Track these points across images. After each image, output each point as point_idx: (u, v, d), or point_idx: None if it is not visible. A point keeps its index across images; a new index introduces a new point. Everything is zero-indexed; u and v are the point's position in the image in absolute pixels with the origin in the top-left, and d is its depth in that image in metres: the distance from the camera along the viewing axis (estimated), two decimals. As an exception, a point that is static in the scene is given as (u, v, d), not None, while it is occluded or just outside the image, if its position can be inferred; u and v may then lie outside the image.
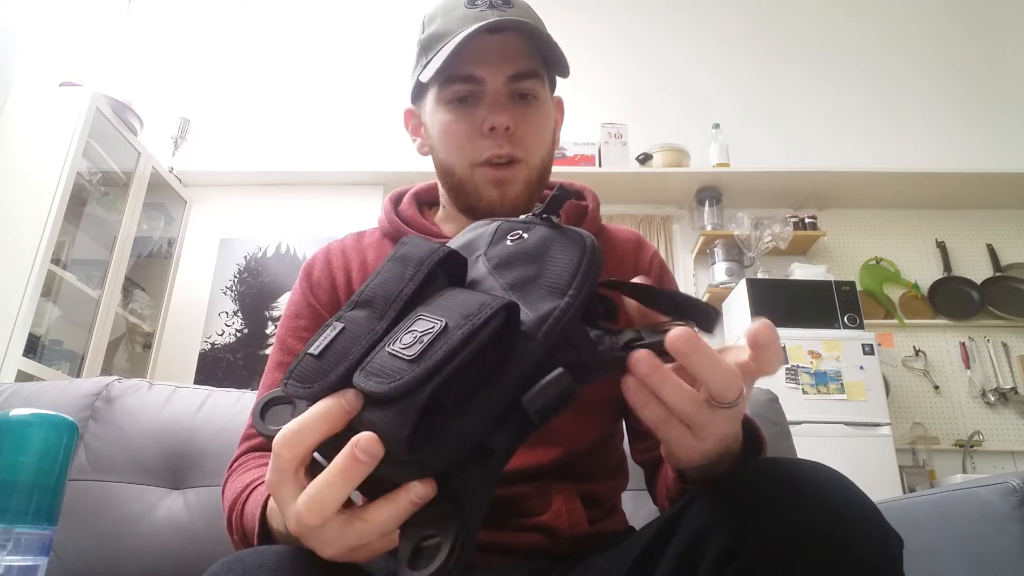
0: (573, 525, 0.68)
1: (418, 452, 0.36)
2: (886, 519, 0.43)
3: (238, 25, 3.64)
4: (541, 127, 0.76)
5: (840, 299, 2.71)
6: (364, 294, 0.44)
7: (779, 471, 0.45)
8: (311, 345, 0.41)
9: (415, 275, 0.43)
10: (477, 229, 0.52)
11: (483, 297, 0.40)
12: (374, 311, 0.42)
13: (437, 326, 0.38)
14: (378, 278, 0.45)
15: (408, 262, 0.44)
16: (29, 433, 0.51)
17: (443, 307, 0.40)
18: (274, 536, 0.53)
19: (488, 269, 0.46)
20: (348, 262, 0.81)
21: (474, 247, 0.49)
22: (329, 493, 0.36)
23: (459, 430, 0.37)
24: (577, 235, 0.45)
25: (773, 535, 0.41)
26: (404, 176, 3.13)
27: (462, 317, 0.38)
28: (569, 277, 0.42)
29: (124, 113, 2.66)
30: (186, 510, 1.06)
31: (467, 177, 0.75)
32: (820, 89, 3.51)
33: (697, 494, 0.47)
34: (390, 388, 0.36)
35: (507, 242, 0.47)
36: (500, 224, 0.51)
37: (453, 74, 0.73)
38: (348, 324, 0.42)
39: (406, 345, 0.37)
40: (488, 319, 0.37)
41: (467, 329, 0.37)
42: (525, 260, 0.45)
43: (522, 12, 0.73)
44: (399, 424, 0.35)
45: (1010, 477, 0.83)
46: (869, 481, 1.92)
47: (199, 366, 2.99)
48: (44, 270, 2.22)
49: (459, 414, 0.37)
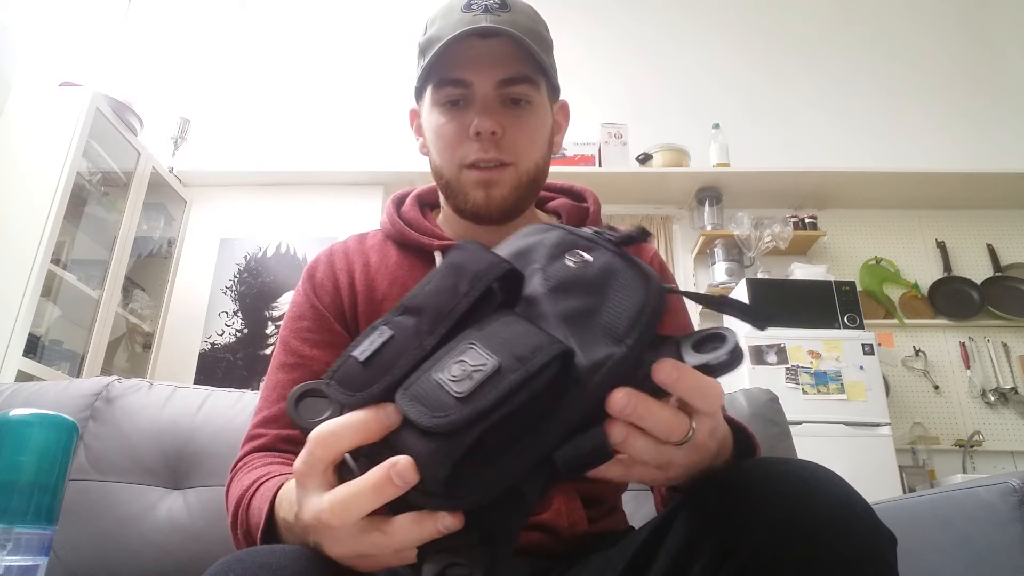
0: (573, 524, 0.68)
1: (452, 491, 0.36)
2: (879, 517, 0.43)
3: (238, 25, 3.65)
4: (533, 132, 0.76)
5: (840, 299, 2.72)
6: (414, 300, 0.43)
7: (770, 471, 0.45)
8: (356, 347, 0.41)
9: (470, 291, 0.41)
10: (534, 235, 0.48)
11: (538, 337, 0.39)
12: (423, 323, 0.41)
13: (489, 364, 0.37)
14: (431, 285, 0.43)
15: (463, 274, 0.43)
16: (29, 433, 0.51)
17: (496, 340, 0.39)
18: (278, 526, 0.53)
19: (545, 290, 0.43)
20: (351, 264, 0.81)
21: (531, 257, 0.46)
22: (356, 503, 0.37)
23: (497, 475, 0.36)
24: (643, 274, 0.42)
25: (765, 535, 0.41)
26: (404, 176, 3.14)
27: (515, 359, 0.37)
28: (629, 323, 0.39)
29: (124, 113, 2.66)
30: (186, 510, 1.06)
31: (455, 179, 0.76)
32: (820, 89, 3.51)
33: (690, 495, 0.47)
34: (434, 424, 0.35)
35: (567, 262, 0.44)
36: (562, 235, 0.47)
37: (444, 77, 0.74)
38: (396, 332, 0.41)
39: (455, 378, 0.37)
40: (543, 368, 0.36)
41: (520, 376, 0.36)
42: (585, 290, 0.42)
43: (519, 17, 0.74)
44: (438, 462, 0.35)
45: (1010, 477, 0.83)
46: (869, 481, 1.92)
47: (199, 366, 2.99)
48: (44, 270, 2.22)
49: (498, 459, 0.36)
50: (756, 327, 0.43)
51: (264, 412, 0.74)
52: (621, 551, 0.54)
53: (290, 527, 0.48)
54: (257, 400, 0.79)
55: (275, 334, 3.03)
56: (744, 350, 2.08)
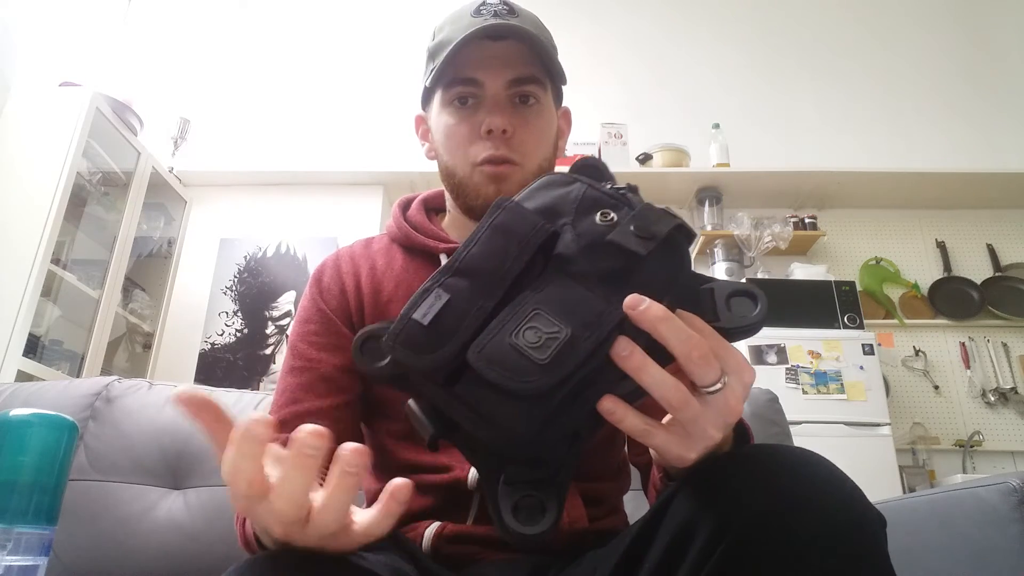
0: (573, 521, 0.69)
1: (533, 447, 0.41)
2: (867, 498, 0.43)
3: (238, 25, 3.65)
4: (540, 132, 0.78)
5: (840, 299, 2.72)
6: (464, 262, 0.44)
7: (759, 456, 0.45)
8: (414, 309, 0.42)
9: (520, 254, 0.44)
10: (557, 188, 0.50)
11: (598, 303, 0.42)
12: (478, 284, 0.43)
13: (563, 333, 0.40)
14: (478, 247, 0.45)
15: (511, 235, 0.45)
16: (29, 433, 0.51)
17: (561, 305, 0.42)
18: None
19: (578, 248, 0.45)
20: (357, 267, 0.82)
21: (558, 211, 0.48)
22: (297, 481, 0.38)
23: (565, 424, 0.42)
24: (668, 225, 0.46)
25: (755, 520, 0.41)
26: (404, 176, 3.14)
27: (584, 326, 0.41)
28: (665, 284, 0.44)
29: (124, 113, 2.66)
30: (186, 510, 1.06)
31: (467, 177, 0.77)
32: (820, 89, 3.51)
33: (681, 484, 0.47)
34: (521, 388, 0.39)
35: (596, 219, 0.47)
36: (585, 189, 0.49)
37: (455, 77, 0.76)
38: (453, 295, 0.43)
39: (532, 344, 0.40)
40: (609, 334, 0.40)
41: (592, 343, 0.40)
42: (616, 252, 0.45)
43: (526, 22, 0.76)
44: (525, 422, 0.39)
45: (1010, 477, 0.83)
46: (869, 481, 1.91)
47: (199, 366, 2.98)
48: (44, 270, 2.22)
49: (566, 412, 0.41)
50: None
51: (274, 416, 0.74)
52: (619, 541, 0.55)
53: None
54: (260, 401, 0.78)
55: (275, 334, 3.03)
56: (744, 349, 2.09)
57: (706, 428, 0.44)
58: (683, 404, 0.42)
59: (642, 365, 0.41)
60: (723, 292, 0.46)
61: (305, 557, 0.42)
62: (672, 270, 0.45)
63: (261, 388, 2.91)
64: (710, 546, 0.42)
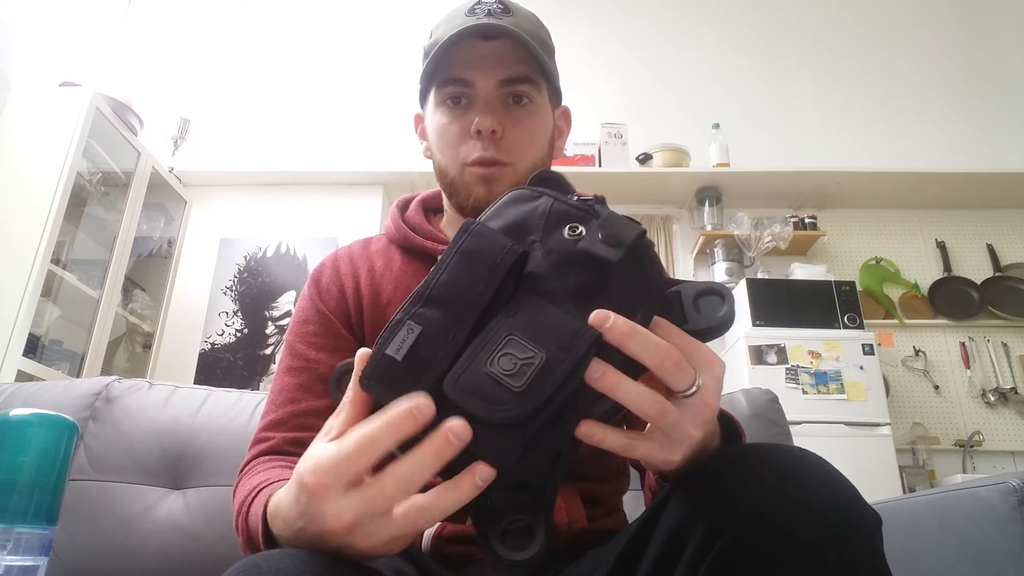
0: (572, 521, 0.69)
1: (517, 473, 0.41)
2: (862, 497, 0.43)
3: (238, 25, 3.65)
4: (533, 132, 0.77)
5: (840, 299, 2.71)
6: (435, 290, 0.43)
7: (754, 456, 0.45)
8: (387, 345, 0.41)
9: (490, 279, 0.43)
10: (523, 204, 0.49)
11: (571, 323, 0.41)
12: (449, 314, 0.42)
13: (538, 358, 0.39)
14: (446, 275, 0.43)
15: (480, 260, 0.43)
16: (29, 433, 0.51)
17: (533, 329, 0.41)
18: (277, 540, 0.53)
19: (548, 265, 0.44)
20: (356, 268, 0.82)
21: (527, 227, 0.47)
22: (417, 472, 0.39)
23: (547, 447, 0.41)
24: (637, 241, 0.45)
25: (750, 519, 0.41)
26: (404, 176, 3.14)
27: (559, 349, 0.40)
28: (636, 298, 0.43)
29: (124, 113, 2.66)
30: (186, 510, 1.06)
31: (458, 177, 0.77)
32: (820, 89, 3.51)
33: (677, 484, 0.47)
34: (499, 417, 0.38)
35: (564, 234, 0.46)
36: (552, 203, 0.48)
37: (447, 77, 0.76)
38: (424, 326, 0.41)
39: (507, 372, 0.39)
40: (584, 355, 0.40)
41: (568, 366, 0.39)
42: (586, 265, 0.44)
43: (522, 22, 0.76)
44: (506, 452, 0.39)
45: (1010, 477, 0.83)
46: (869, 481, 1.91)
47: (199, 366, 2.99)
48: (44, 270, 2.22)
49: (548, 435, 0.41)
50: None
51: (271, 415, 0.74)
52: (615, 543, 0.55)
53: (289, 540, 0.47)
54: (260, 401, 0.78)
55: (275, 334, 3.03)
56: (744, 350, 2.09)
57: (687, 430, 0.43)
58: (662, 414, 0.42)
59: (616, 384, 0.40)
60: (690, 293, 0.45)
61: (308, 554, 0.42)
62: (644, 280, 0.44)
63: (261, 388, 2.91)
64: (705, 547, 0.42)
